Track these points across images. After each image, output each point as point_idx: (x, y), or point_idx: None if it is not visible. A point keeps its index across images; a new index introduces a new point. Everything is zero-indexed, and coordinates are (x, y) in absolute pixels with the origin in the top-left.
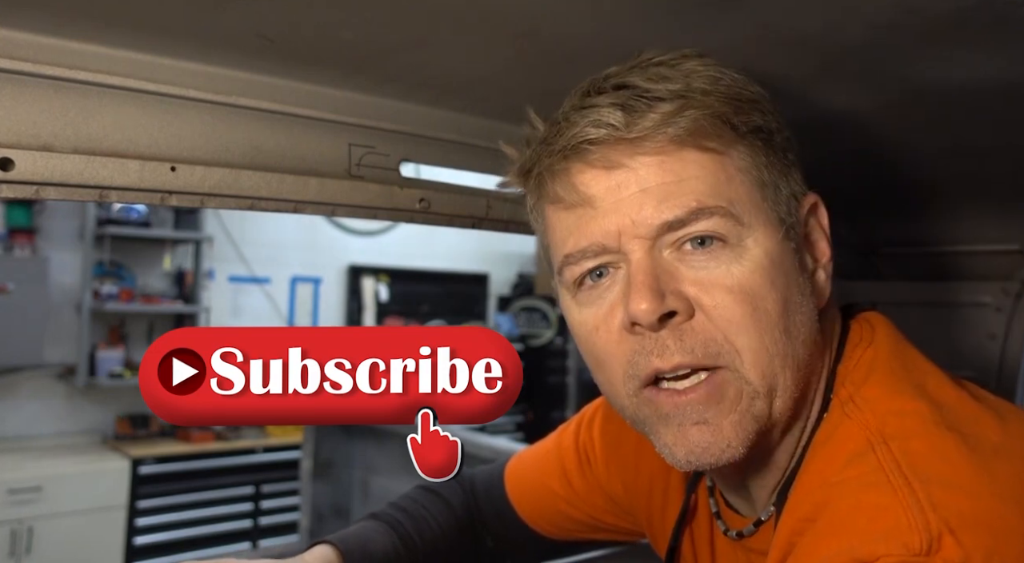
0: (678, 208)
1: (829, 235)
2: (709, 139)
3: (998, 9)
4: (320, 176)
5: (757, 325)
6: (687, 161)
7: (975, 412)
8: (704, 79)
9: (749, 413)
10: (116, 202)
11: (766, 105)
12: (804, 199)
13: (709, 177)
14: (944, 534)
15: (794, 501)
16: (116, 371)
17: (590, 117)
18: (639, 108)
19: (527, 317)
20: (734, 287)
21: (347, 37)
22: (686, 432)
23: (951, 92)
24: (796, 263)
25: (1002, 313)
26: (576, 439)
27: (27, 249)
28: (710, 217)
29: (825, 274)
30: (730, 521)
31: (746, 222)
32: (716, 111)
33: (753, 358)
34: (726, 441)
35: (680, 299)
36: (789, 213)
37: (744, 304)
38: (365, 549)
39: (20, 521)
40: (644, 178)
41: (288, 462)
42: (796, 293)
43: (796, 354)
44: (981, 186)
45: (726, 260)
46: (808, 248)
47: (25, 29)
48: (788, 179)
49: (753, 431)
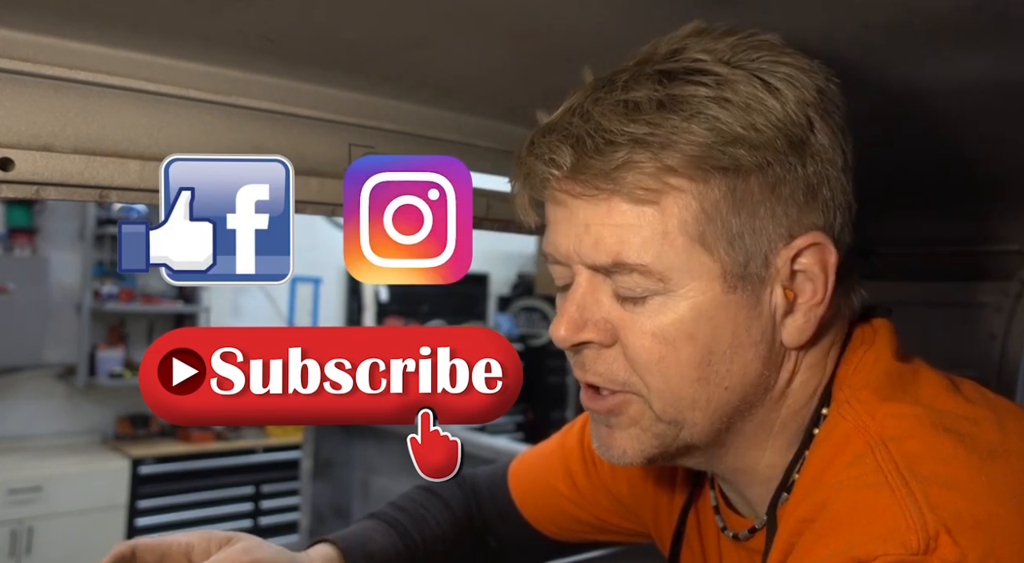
0: (604, 256)
1: (831, 276)
2: (649, 193)
3: (998, 9)
4: (320, 176)
5: (664, 371)
6: (623, 210)
7: (974, 413)
8: (680, 116)
9: (650, 431)
10: (116, 202)
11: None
12: (799, 239)
13: (644, 229)
14: (941, 534)
15: (793, 502)
16: (116, 371)
17: (543, 152)
18: (588, 149)
19: (527, 317)
20: (650, 334)
21: (347, 37)
22: (598, 429)
23: (951, 92)
24: (747, 312)
25: (1002, 313)
26: (581, 439)
27: (27, 249)
28: (629, 273)
29: (808, 318)
30: (729, 521)
31: (673, 279)
32: (669, 165)
33: (658, 395)
34: (622, 449)
35: (600, 331)
36: (750, 262)
37: (655, 352)
38: (365, 547)
39: (20, 521)
40: (586, 216)
41: (288, 462)
42: (728, 344)
43: (712, 398)
44: (982, 186)
45: (653, 307)
46: (791, 289)
47: (25, 29)
48: (771, 219)
49: (653, 447)
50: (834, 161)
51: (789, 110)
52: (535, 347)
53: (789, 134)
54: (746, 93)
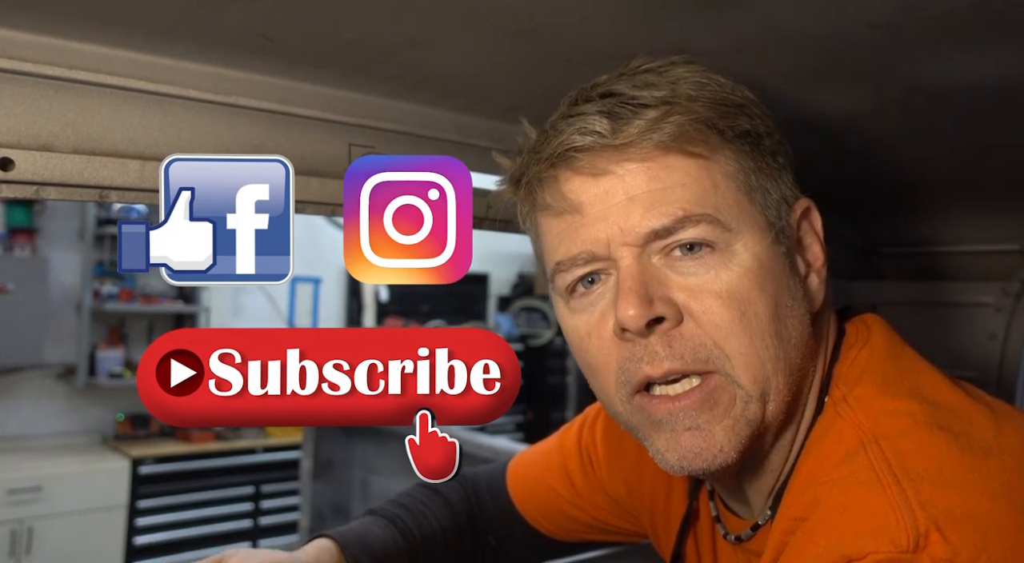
0: (664, 216)
1: (823, 240)
2: (694, 144)
3: (998, 9)
4: (320, 176)
5: (747, 330)
6: (673, 167)
7: (969, 412)
8: (690, 85)
9: (743, 418)
10: (116, 202)
11: (754, 109)
12: (796, 204)
13: (695, 184)
14: (932, 531)
15: (787, 501)
16: (116, 371)
17: (576, 125)
18: (625, 115)
19: (527, 317)
20: (723, 292)
21: (347, 37)
22: (678, 437)
23: (951, 92)
24: (787, 267)
25: (1002, 313)
26: (579, 440)
27: (27, 249)
28: (696, 225)
29: (819, 279)
30: (729, 525)
31: (733, 227)
32: (701, 116)
33: (744, 362)
34: (718, 446)
35: (668, 305)
36: (779, 217)
37: (733, 309)
38: (364, 542)
39: (20, 521)
40: (631, 185)
41: (288, 462)
42: (787, 297)
43: (788, 357)
44: (981, 186)
45: (714, 265)
46: (800, 252)
47: (25, 29)
48: (778, 183)
49: (746, 436)
50: (783, 138)
51: (745, 93)
52: (535, 347)
53: (768, 115)
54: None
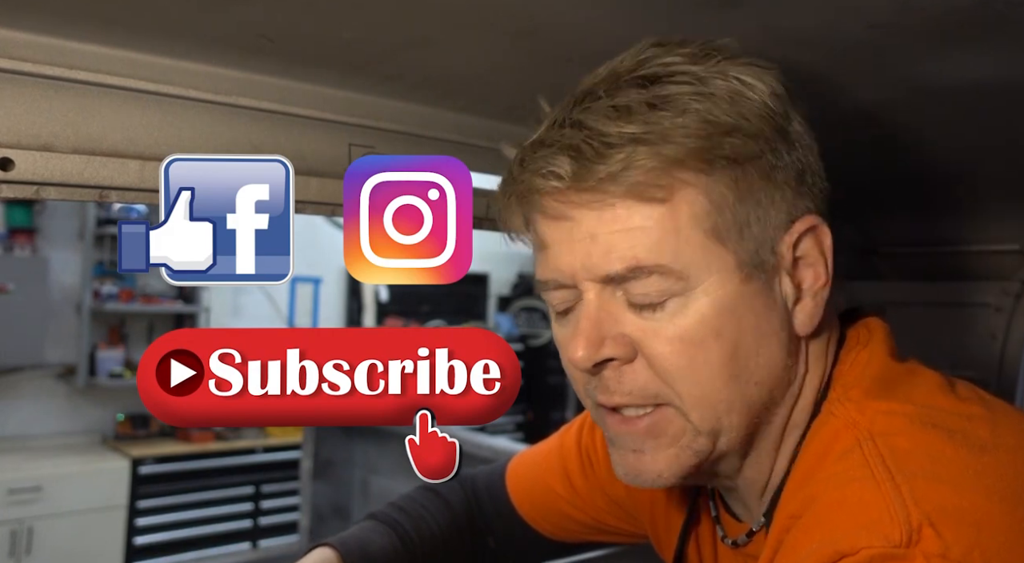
0: (618, 262)
1: (830, 258)
2: (658, 190)
3: (998, 8)
4: (320, 176)
5: (696, 375)
6: (632, 211)
7: (967, 410)
8: (673, 109)
9: (690, 449)
10: (116, 202)
11: (754, 125)
12: (798, 222)
13: (656, 228)
14: (925, 526)
15: (784, 500)
16: (116, 371)
17: (539, 166)
18: (588, 155)
19: (527, 317)
20: (674, 339)
21: (347, 37)
22: (624, 456)
23: (951, 91)
24: (763, 303)
25: (1002, 313)
26: (578, 440)
27: (27, 249)
28: (648, 277)
29: (814, 302)
30: (728, 527)
31: (691, 276)
32: (670, 158)
33: (693, 403)
34: (657, 472)
35: (620, 345)
36: (759, 250)
37: (683, 356)
38: (365, 550)
39: (20, 521)
40: (592, 226)
41: (288, 462)
42: (752, 336)
43: (746, 396)
44: (982, 186)
45: (671, 310)
46: (794, 276)
47: (25, 29)
48: (772, 206)
49: (691, 465)
50: (812, 147)
51: (767, 101)
52: (535, 347)
53: (773, 123)
54: (725, 87)
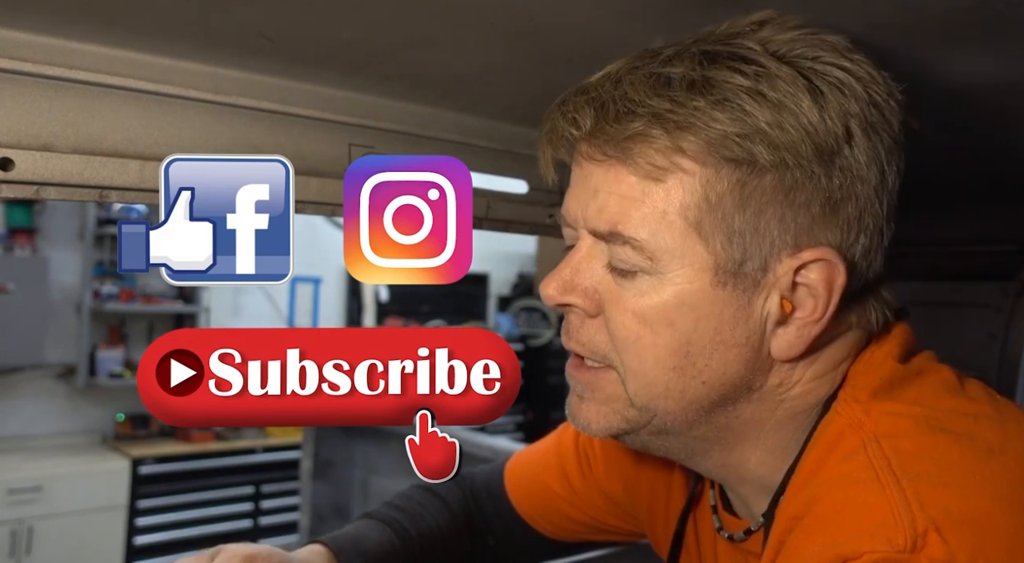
0: (605, 223)
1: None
2: (657, 170)
3: (998, 8)
4: (320, 176)
5: (640, 353)
6: (629, 180)
7: (975, 411)
8: (707, 100)
9: (620, 414)
10: (116, 202)
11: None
12: (807, 251)
13: (645, 205)
14: (930, 531)
15: (786, 500)
16: (116, 371)
17: (568, 110)
18: (610, 115)
19: (527, 317)
20: (632, 312)
21: (347, 37)
22: (570, 398)
23: (951, 91)
24: (735, 313)
25: (1002, 313)
26: (576, 439)
27: (27, 249)
28: (623, 245)
29: (801, 334)
30: (726, 522)
31: (663, 261)
32: (681, 142)
33: (632, 376)
34: (587, 421)
35: (587, 298)
36: (747, 261)
37: (634, 331)
38: (359, 546)
39: (20, 521)
40: (596, 182)
41: (288, 462)
42: (708, 340)
43: (688, 389)
44: (981, 186)
45: (640, 286)
46: (790, 301)
47: (25, 29)
48: (777, 224)
49: (619, 428)
50: (867, 179)
51: (827, 117)
52: (535, 347)
53: (819, 141)
54: (784, 90)
